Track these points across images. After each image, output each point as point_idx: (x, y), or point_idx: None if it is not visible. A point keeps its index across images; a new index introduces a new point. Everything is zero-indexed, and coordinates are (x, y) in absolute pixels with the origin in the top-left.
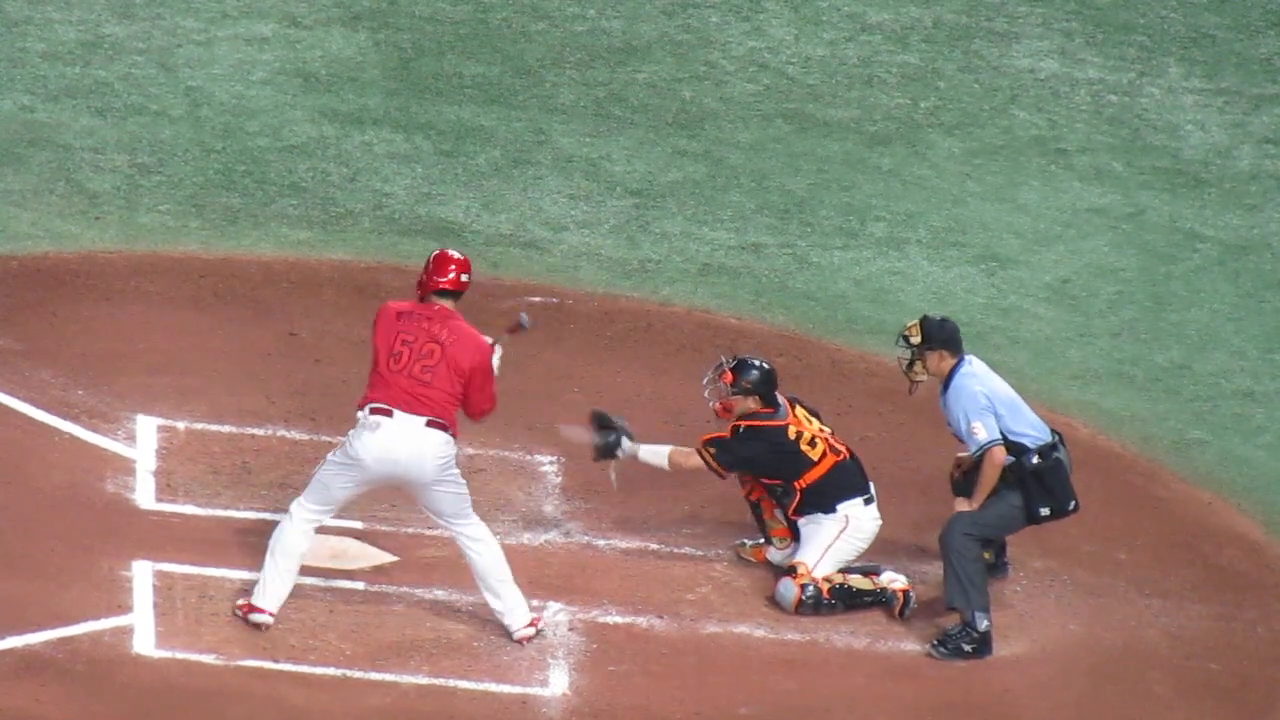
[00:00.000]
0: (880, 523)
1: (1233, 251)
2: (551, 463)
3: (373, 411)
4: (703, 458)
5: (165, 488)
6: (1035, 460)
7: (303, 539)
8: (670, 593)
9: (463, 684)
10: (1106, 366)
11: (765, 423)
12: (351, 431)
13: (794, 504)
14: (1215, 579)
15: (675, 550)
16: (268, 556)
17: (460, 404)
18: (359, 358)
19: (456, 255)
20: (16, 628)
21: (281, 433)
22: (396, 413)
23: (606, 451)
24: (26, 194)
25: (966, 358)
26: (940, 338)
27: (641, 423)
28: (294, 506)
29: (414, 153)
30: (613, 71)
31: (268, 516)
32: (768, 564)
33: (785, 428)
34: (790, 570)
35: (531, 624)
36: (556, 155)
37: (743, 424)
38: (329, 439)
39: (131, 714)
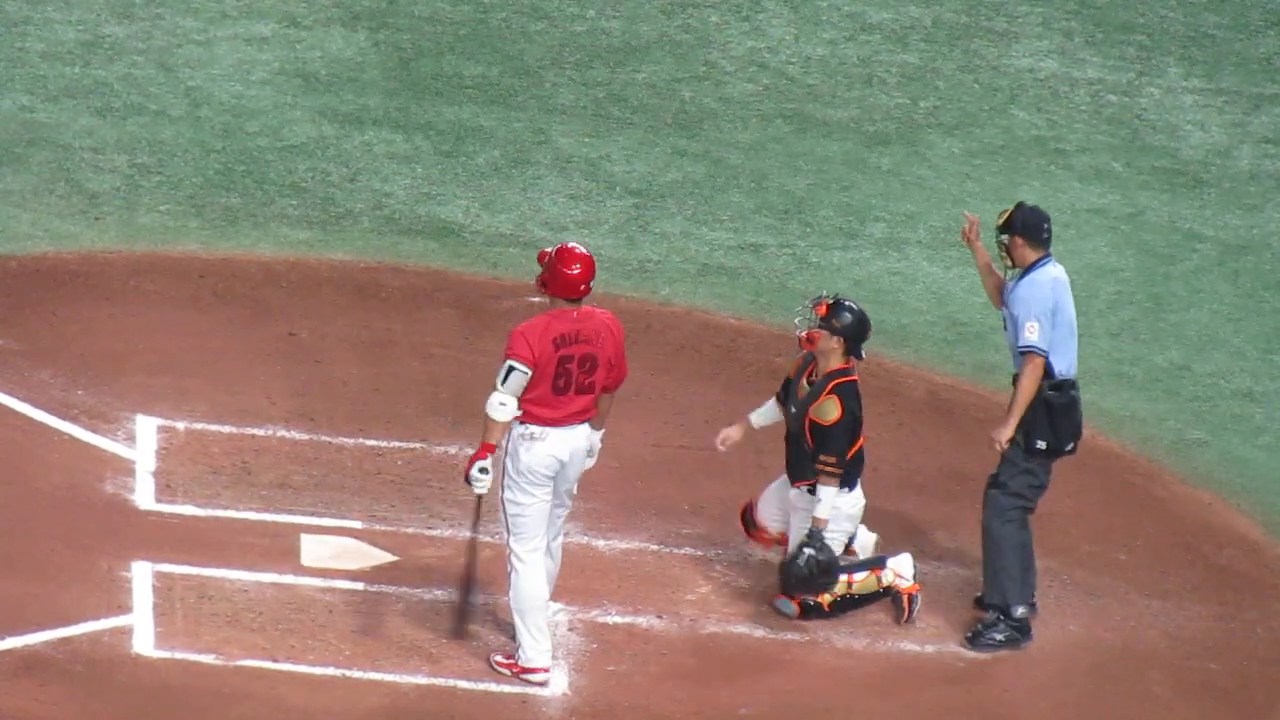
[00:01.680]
0: (864, 502)
1: (1232, 252)
2: None
3: (529, 423)
4: (832, 474)
5: (165, 488)
6: (1051, 391)
7: (539, 581)
8: (670, 593)
9: (463, 684)
10: (1106, 367)
11: (851, 378)
12: (508, 449)
13: (816, 478)
14: (1215, 579)
15: (675, 550)
16: (515, 617)
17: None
18: (359, 358)
19: (580, 252)
20: (16, 628)
21: (281, 433)
22: (561, 427)
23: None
24: (26, 194)
25: (1051, 258)
26: (1022, 225)
27: (642, 422)
28: (514, 555)
29: (414, 153)
30: (612, 71)
31: (267, 517)
32: (767, 562)
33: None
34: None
35: (514, 669)
36: (556, 155)
37: (838, 383)
38: (329, 439)
39: (131, 714)
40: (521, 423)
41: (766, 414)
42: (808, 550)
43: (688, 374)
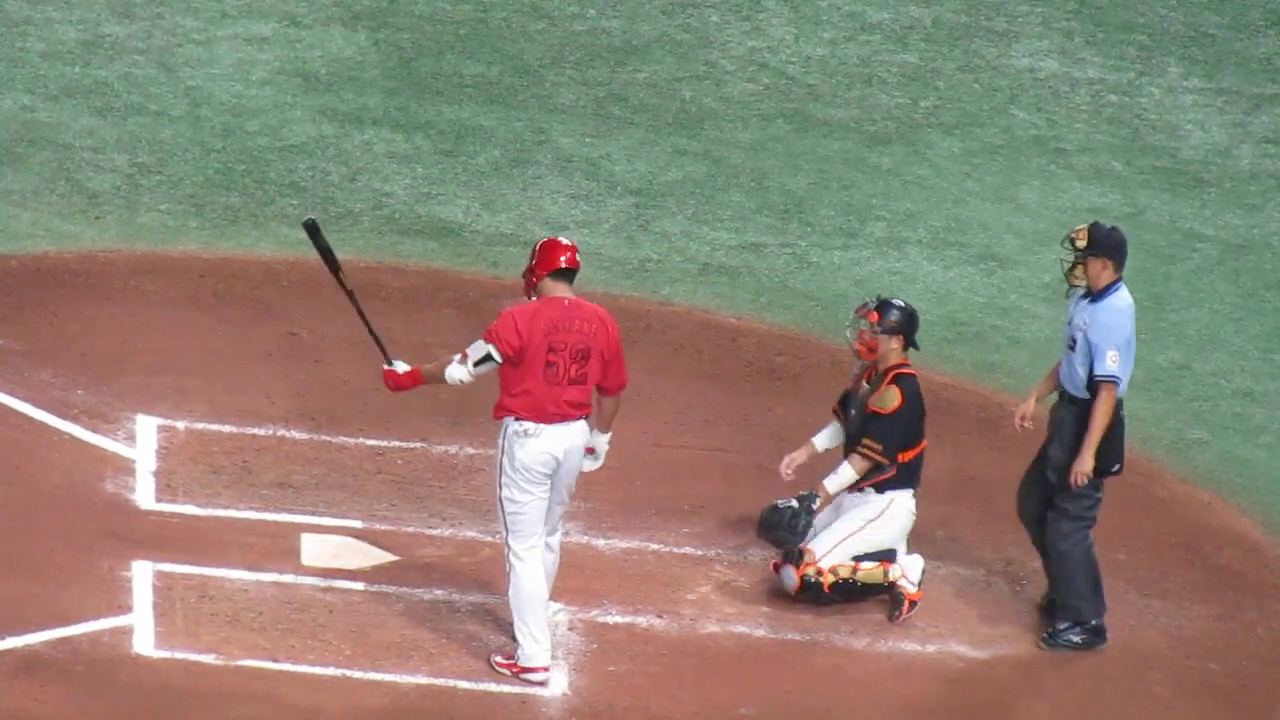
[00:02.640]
0: (915, 516)
1: (1233, 251)
2: None
3: (523, 419)
4: (869, 459)
5: (165, 488)
6: None
7: (538, 579)
8: (670, 593)
9: (463, 684)
10: None
11: (911, 372)
12: (504, 448)
13: (883, 477)
14: (1215, 579)
15: (675, 550)
16: (514, 616)
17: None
18: (359, 358)
19: (565, 241)
20: (16, 628)
21: (281, 433)
22: (555, 423)
23: (792, 525)
24: (26, 194)
25: (1123, 281)
26: (1107, 246)
27: (642, 422)
28: (513, 553)
29: (414, 152)
30: (613, 71)
31: (268, 517)
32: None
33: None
34: (797, 555)
35: (513, 669)
36: (556, 155)
37: (898, 372)
38: (329, 439)
39: (131, 714)
40: (516, 419)
41: (830, 435)
42: (794, 503)
43: (688, 374)
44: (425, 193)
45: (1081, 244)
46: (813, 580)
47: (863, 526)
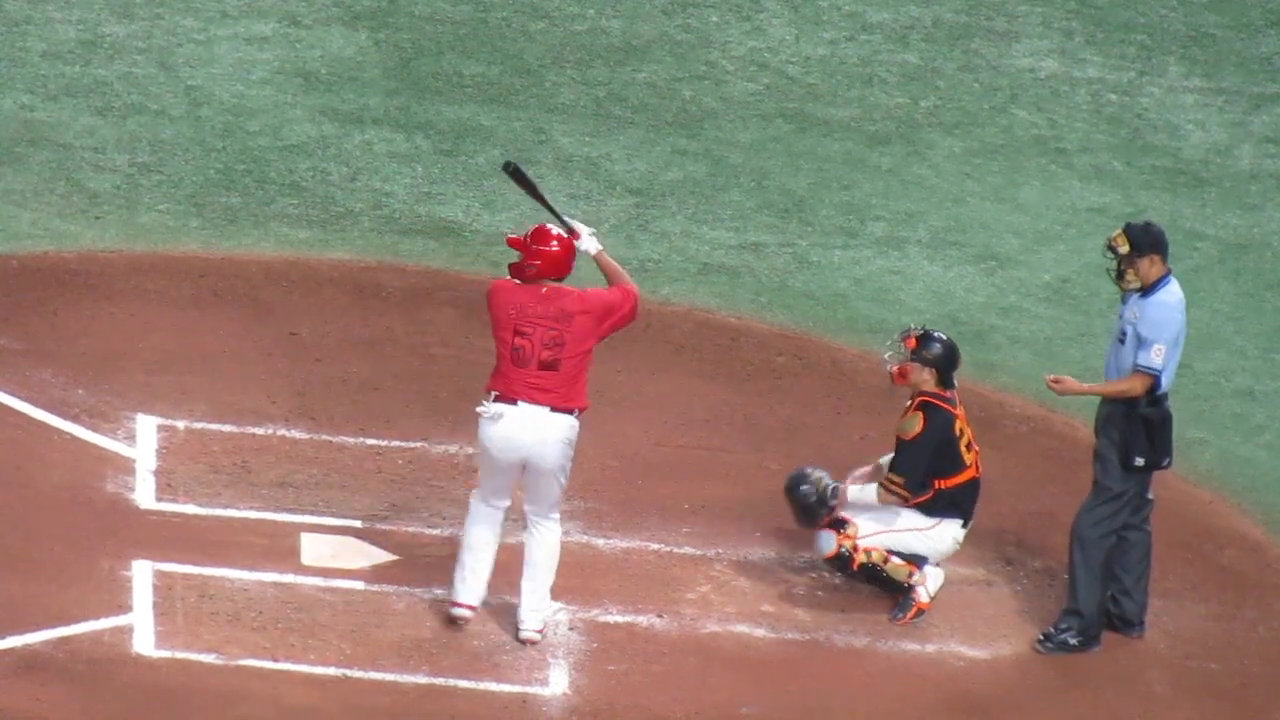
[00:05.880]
0: (959, 547)
1: (1233, 251)
2: None
3: (496, 399)
4: (892, 493)
5: (165, 487)
6: (1148, 406)
7: (486, 529)
8: (670, 592)
9: (463, 684)
10: None
11: (943, 405)
12: (481, 414)
13: (924, 498)
14: (1215, 579)
15: (675, 550)
16: (460, 551)
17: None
18: (359, 357)
19: (556, 232)
20: (16, 628)
21: (281, 432)
22: (520, 403)
23: (812, 512)
24: (26, 194)
25: (1172, 274)
26: (1149, 242)
27: (642, 422)
28: (471, 500)
29: (414, 152)
30: (613, 71)
31: (268, 516)
32: (767, 561)
33: (954, 419)
34: (840, 523)
35: (540, 631)
36: (556, 155)
37: (925, 399)
38: (329, 438)
39: (131, 714)
40: (487, 394)
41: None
42: (815, 494)
43: (688, 374)
44: (425, 192)
45: (1125, 249)
46: (846, 553)
47: (908, 530)
